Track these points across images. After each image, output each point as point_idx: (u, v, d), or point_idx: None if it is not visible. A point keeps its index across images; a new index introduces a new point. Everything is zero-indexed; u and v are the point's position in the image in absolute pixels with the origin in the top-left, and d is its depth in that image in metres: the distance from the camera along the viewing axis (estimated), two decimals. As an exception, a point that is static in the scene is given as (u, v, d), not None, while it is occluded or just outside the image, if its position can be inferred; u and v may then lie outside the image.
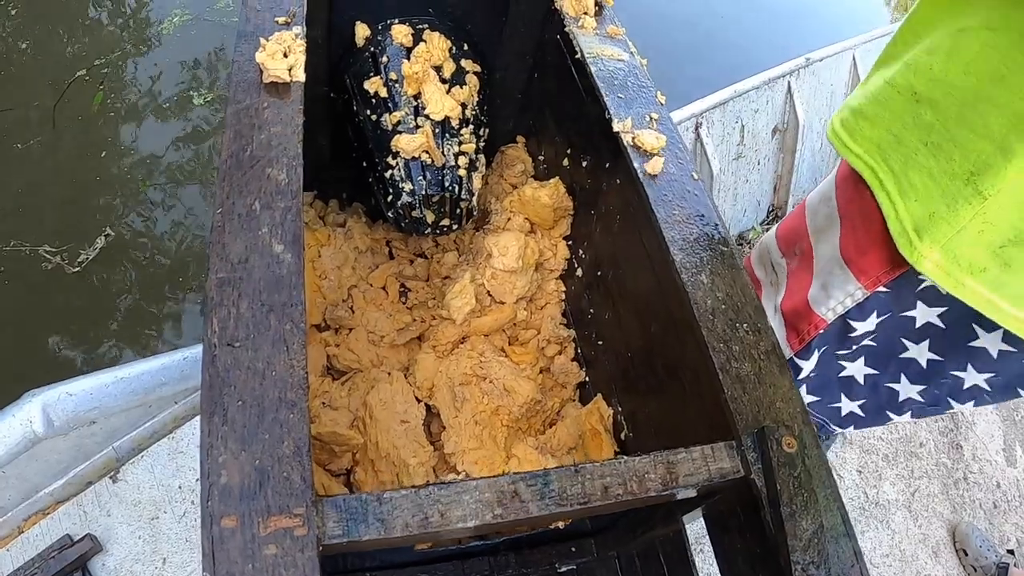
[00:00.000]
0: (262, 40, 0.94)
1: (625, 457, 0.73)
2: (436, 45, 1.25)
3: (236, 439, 0.63)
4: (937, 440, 2.12)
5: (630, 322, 1.18)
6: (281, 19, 1.00)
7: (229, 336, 0.70)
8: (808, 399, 1.08)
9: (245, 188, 0.81)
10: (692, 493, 0.76)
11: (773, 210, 2.99)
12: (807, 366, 1.03)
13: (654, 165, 0.98)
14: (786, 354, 1.01)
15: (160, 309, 2.63)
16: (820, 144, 2.88)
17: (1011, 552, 1.87)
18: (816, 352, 1.01)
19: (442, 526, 0.63)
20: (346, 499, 0.62)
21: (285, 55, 0.93)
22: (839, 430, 1.16)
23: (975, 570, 1.86)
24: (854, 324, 0.95)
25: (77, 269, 2.51)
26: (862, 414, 1.09)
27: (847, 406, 1.09)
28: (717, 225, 0.95)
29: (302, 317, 0.72)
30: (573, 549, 1.17)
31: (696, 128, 2.15)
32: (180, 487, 1.31)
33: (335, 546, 0.61)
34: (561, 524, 1.14)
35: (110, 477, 1.27)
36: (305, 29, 1.00)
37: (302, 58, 0.94)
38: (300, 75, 0.92)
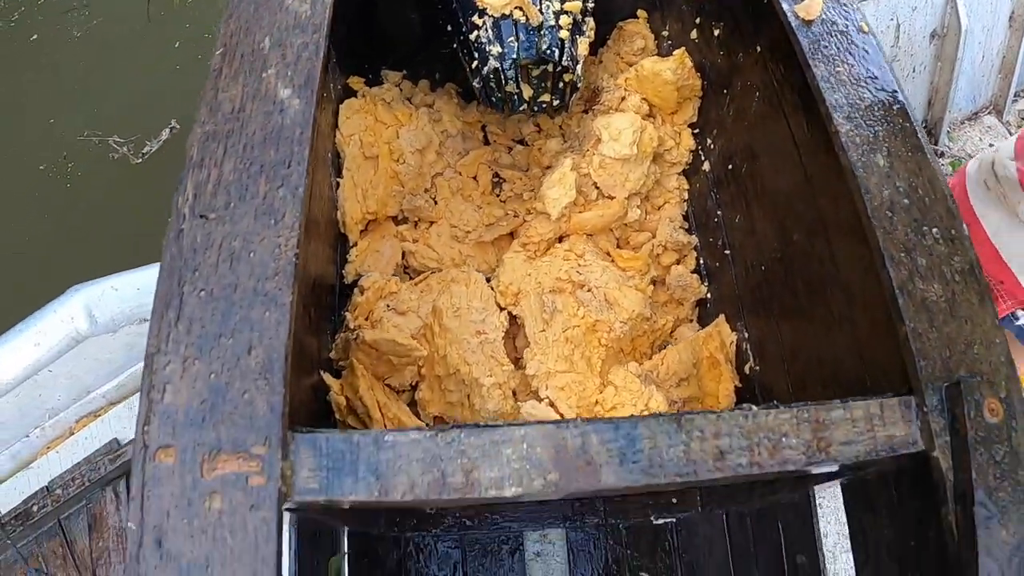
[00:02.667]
0: None
1: (753, 409, 0.50)
2: None
3: (191, 344, 0.46)
4: None
5: (766, 228, 0.94)
6: None
7: (203, 205, 0.52)
8: None
9: (255, 23, 0.62)
10: (837, 467, 0.52)
11: (927, 127, 2.57)
12: None
13: (810, 7, 0.73)
14: None
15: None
16: (982, 56, 2.50)
17: None
18: None
19: (465, 492, 0.42)
20: (329, 439, 0.43)
21: None
22: None
23: None
24: None
25: (139, 161, 2.51)
26: None
27: None
28: (896, 92, 0.68)
29: (302, 180, 0.53)
30: (675, 500, 0.96)
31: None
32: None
33: (309, 505, 0.42)
34: None
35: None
36: None
37: None
38: None
